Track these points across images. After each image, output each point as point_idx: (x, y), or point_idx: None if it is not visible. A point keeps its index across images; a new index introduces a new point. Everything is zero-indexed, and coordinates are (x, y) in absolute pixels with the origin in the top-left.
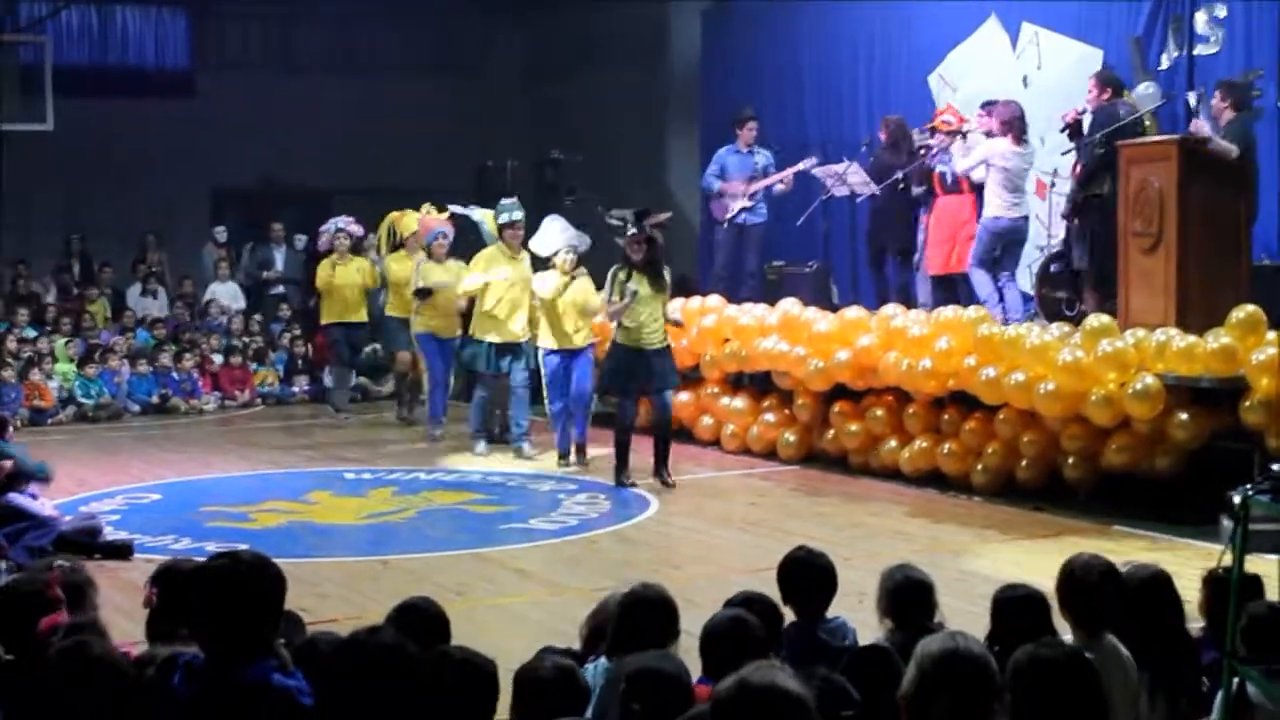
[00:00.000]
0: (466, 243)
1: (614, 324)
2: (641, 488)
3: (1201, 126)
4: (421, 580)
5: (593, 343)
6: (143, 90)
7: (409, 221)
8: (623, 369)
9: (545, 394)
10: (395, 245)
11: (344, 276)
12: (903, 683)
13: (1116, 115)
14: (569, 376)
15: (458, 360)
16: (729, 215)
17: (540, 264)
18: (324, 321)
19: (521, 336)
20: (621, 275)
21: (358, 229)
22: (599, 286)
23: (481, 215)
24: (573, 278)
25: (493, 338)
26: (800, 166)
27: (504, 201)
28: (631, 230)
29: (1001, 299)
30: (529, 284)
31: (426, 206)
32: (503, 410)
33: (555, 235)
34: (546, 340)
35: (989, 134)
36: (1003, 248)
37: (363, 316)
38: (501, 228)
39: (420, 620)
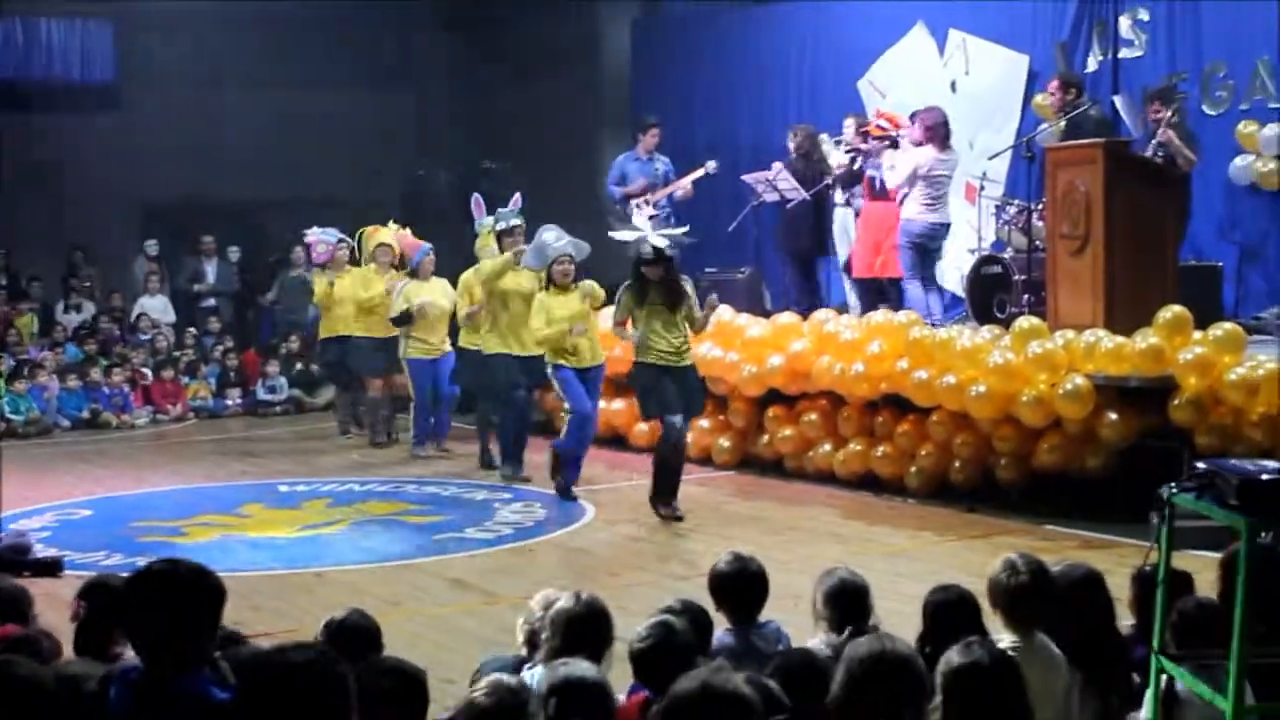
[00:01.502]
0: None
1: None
2: (580, 496)
3: (1171, 138)
4: (356, 592)
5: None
6: (68, 103)
7: (382, 236)
8: (654, 388)
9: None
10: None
11: (342, 290)
12: (832, 686)
13: (1090, 118)
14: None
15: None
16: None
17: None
18: (321, 337)
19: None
20: (628, 299)
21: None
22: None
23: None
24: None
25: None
26: (699, 173)
27: (501, 210)
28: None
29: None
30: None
31: (394, 226)
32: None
33: (549, 245)
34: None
35: (918, 143)
36: (923, 252)
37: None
38: (500, 235)
39: (352, 633)
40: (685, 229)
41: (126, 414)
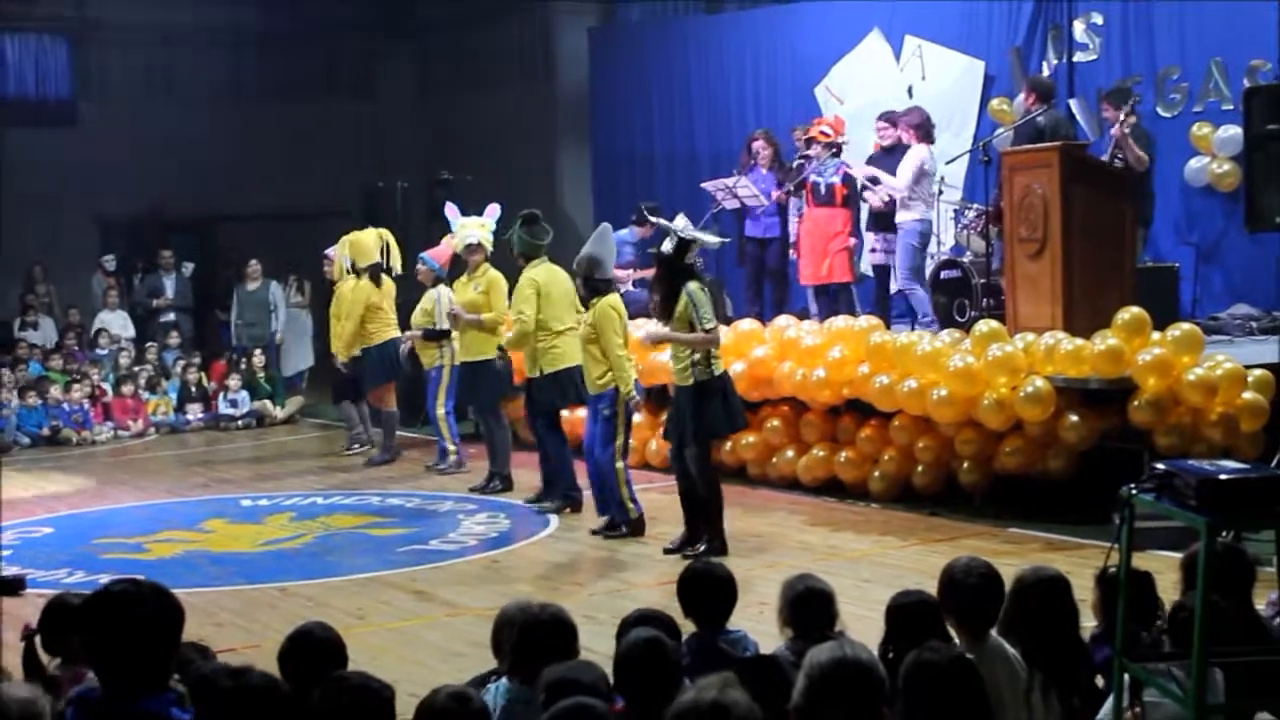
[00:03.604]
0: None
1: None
2: (545, 509)
3: (1127, 140)
4: (320, 606)
5: (609, 390)
6: (24, 119)
7: (367, 241)
8: (669, 412)
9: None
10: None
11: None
12: (793, 694)
13: (1036, 125)
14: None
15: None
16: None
17: None
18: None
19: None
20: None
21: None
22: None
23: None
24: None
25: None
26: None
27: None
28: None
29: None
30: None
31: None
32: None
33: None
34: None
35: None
36: (923, 253)
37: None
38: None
39: (315, 646)
40: (721, 239)
41: (87, 430)
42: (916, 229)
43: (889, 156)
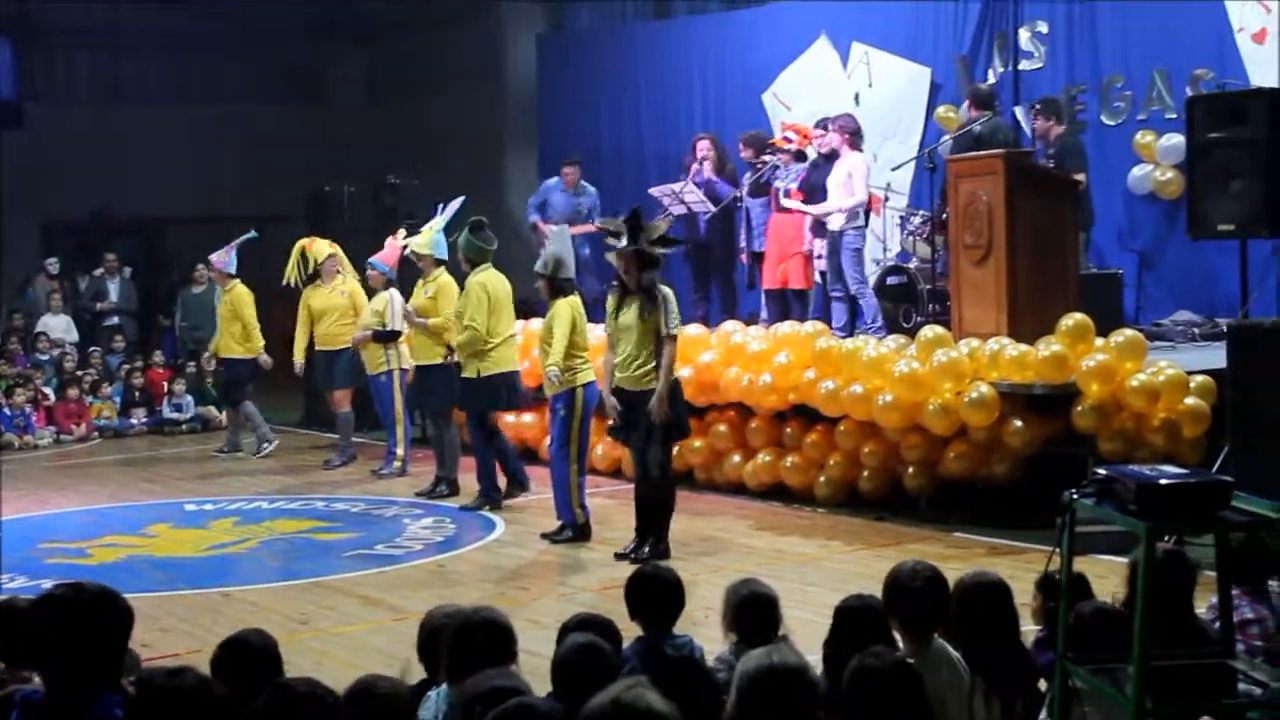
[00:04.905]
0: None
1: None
2: (491, 512)
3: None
4: (264, 611)
5: (565, 391)
6: None
7: (321, 247)
8: (619, 414)
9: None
10: (311, 275)
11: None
12: (727, 704)
13: (974, 133)
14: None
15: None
16: None
17: None
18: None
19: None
20: (610, 302)
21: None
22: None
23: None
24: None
25: None
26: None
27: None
28: (622, 243)
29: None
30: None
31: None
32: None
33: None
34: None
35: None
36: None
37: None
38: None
39: (250, 654)
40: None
41: (29, 435)
42: (860, 234)
43: (829, 163)
